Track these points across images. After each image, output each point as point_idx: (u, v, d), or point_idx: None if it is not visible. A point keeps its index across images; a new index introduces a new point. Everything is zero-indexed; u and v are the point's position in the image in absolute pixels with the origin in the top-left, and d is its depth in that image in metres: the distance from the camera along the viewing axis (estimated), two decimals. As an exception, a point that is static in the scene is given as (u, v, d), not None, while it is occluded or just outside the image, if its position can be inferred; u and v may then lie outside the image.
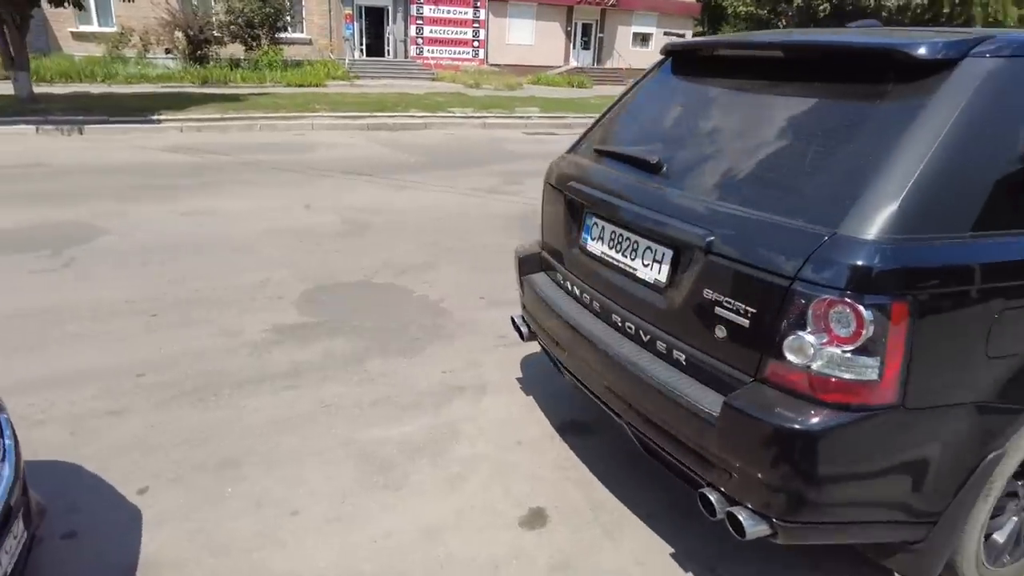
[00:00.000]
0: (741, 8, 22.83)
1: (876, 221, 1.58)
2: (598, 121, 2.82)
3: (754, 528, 1.75)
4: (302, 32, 24.83)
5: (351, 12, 25.14)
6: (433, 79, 24.17)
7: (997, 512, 2.02)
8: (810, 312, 1.61)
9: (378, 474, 2.69)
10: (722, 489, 1.84)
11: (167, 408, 3.09)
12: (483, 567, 2.23)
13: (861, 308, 1.55)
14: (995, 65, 1.71)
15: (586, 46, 31.15)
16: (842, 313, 1.58)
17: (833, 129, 1.84)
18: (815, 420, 1.63)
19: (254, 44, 20.91)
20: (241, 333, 3.89)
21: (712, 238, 1.85)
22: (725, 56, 2.37)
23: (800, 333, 1.63)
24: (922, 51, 1.73)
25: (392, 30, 26.77)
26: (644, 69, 2.73)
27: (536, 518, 2.48)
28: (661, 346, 2.06)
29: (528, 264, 2.87)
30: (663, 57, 2.68)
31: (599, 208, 2.38)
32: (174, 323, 3.98)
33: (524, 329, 2.91)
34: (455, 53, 27.40)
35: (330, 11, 24.95)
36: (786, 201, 1.78)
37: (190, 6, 20.79)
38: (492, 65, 27.49)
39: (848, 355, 1.59)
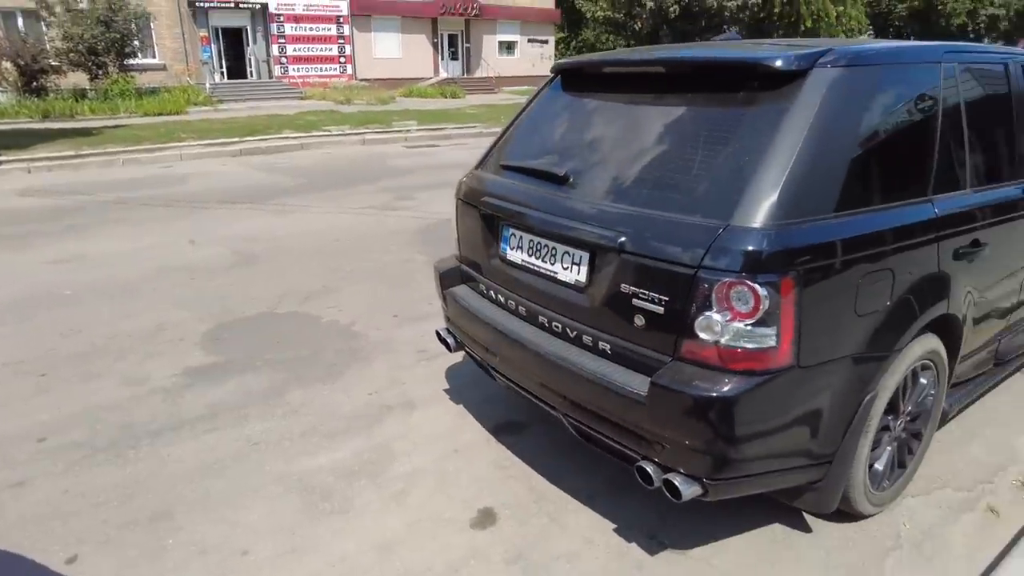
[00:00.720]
0: (599, 13, 24.00)
1: (761, 211, 1.85)
2: (499, 139, 2.98)
3: (688, 490, 1.98)
4: (154, 57, 23.39)
5: (207, 34, 23.99)
6: (302, 98, 23.55)
7: (875, 445, 2.38)
8: (714, 294, 1.86)
9: (322, 502, 2.71)
10: (656, 460, 2.05)
11: (80, 469, 2.93)
12: (442, 573, 2.32)
13: (756, 286, 1.81)
14: (837, 73, 2.04)
15: (454, 56, 31.50)
16: (741, 292, 1.83)
17: (715, 133, 2.11)
18: (729, 387, 1.88)
19: (100, 72, 19.44)
20: (147, 380, 3.72)
21: (623, 239, 2.06)
22: (611, 72, 2.62)
23: (708, 313, 1.87)
24: (780, 63, 2.03)
25: (253, 51, 25.80)
26: (513, 77, 2.91)
27: (485, 518, 2.60)
28: (587, 339, 2.25)
29: (449, 278, 2.98)
30: (553, 75, 2.89)
31: (515, 219, 2.54)
32: (69, 379, 3.74)
33: (451, 341, 3.02)
34: (322, 70, 26.83)
35: (183, 34, 23.68)
36: (683, 200, 2.02)
37: (17, 33, 18.98)
38: (362, 80, 27.18)
39: (750, 328, 1.85)
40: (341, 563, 2.37)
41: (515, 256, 2.56)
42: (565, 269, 2.32)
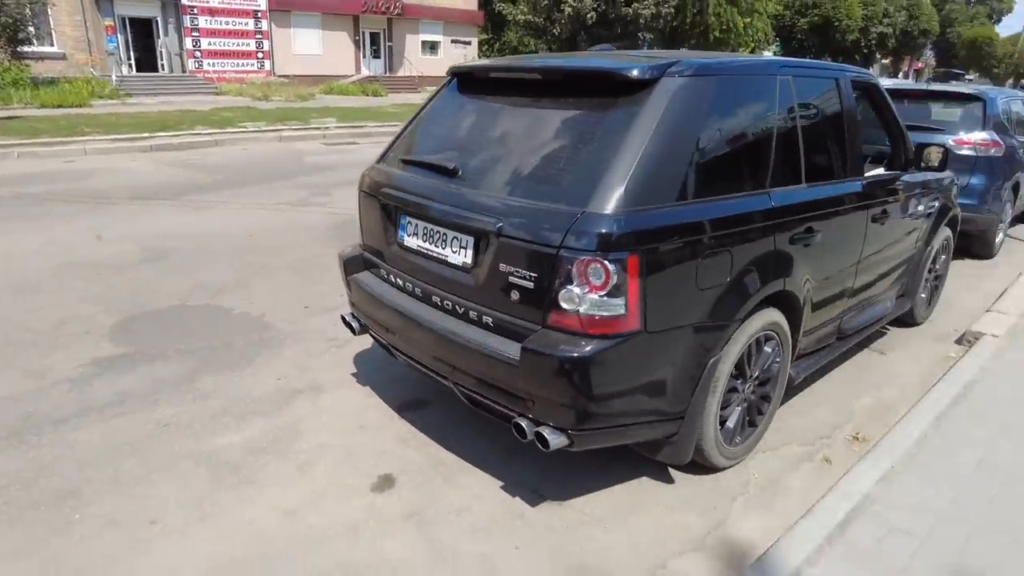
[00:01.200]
0: (520, 16, 24.50)
1: (611, 200, 2.17)
2: (400, 135, 3.22)
3: (555, 440, 2.28)
4: (52, 45, 22.14)
5: (112, 23, 22.90)
6: (217, 93, 22.87)
7: (725, 405, 2.77)
8: (574, 271, 2.16)
9: (230, 475, 2.86)
10: (530, 416, 2.34)
11: (-19, 456, 2.96)
12: (342, 530, 2.54)
13: (608, 263, 2.13)
14: (683, 82, 2.39)
15: (376, 55, 31.28)
16: (596, 269, 2.15)
17: (579, 132, 2.43)
18: (588, 349, 2.19)
19: (-11, 60, 18.24)
20: (50, 372, 3.72)
21: (501, 224, 2.34)
22: (497, 77, 2.90)
23: (569, 287, 2.18)
24: (635, 72, 2.37)
25: (165, 43, 24.81)
26: (437, 77, 3.15)
27: (384, 483, 2.83)
28: (473, 314, 2.52)
29: (352, 265, 3.19)
30: (449, 78, 3.15)
31: (411, 209, 2.79)
32: (-34, 372, 3.70)
33: (355, 324, 3.23)
34: (239, 65, 26.10)
35: (85, 21, 22.51)
36: (551, 191, 2.32)
37: None
38: (280, 76, 26.61)
39: (603, 298, 2.17)
40: (249, 526, 2.55)
41: (411, 242, 2.80)
42: (454, 253, 2.58)
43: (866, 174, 3.62)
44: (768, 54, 44.72)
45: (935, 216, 4.43)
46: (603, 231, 2.13)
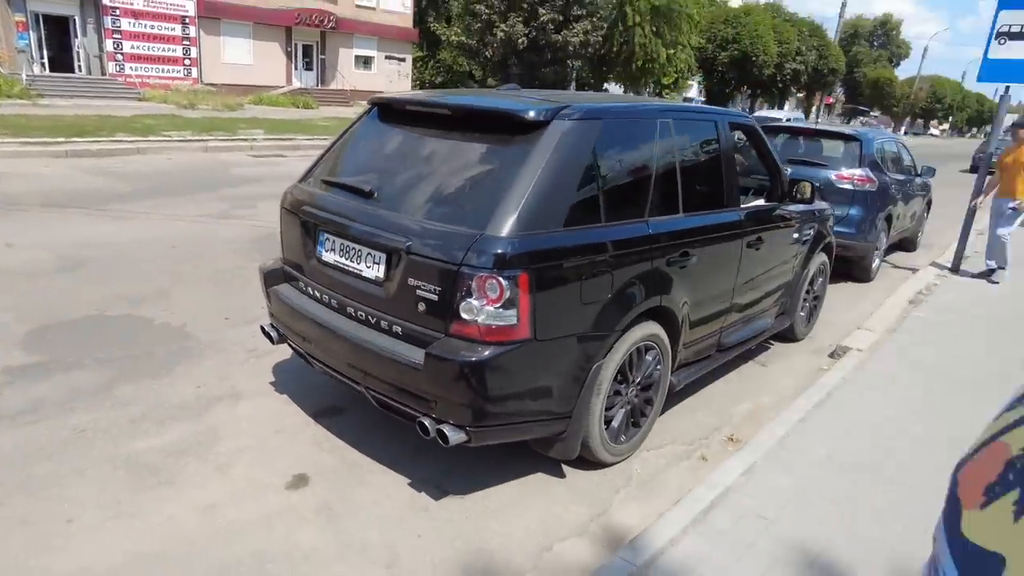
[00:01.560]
0: (453, 37, 24.95)
1: (507, 224, 2.49)
2: (321, 157, 3.46)
3: (455, 436, 2.56)
4: (-43, 41, 20.97)
5: (24, 19, 21.90)
6: (140, 99, 22.20)
7: (610, 406, 3.12)
8: (473, 285, 2.46)
9: (149, 477, 2.99)
10: (432, 416, 2.62)
11: None
12: (258, 524, 2.73)
13: (502, 280, 2.44)
14: (572, 124, 2.75)
15: (309, 67, 31.05)
16: (492, 284, 2.46)
17: (482, 164, 2.75)
18: (484, 354, 2.49)
19: None
20: (-39, 379, 3.72)
21: (410, 243, 2.62)
22: (412, 110, 3.19)
23: (469, 300, 2.48)
24: (531, 114, 2.71)
25: (82, 43, 23.88)
26: (369, 91, 3.38)
27: (299, 481, 3.03)
28: (384, 324, 2.78)
29: (272, 277, 3.39)
30: (370, 107, 3.42)
31: (330, 227, 3.03)
32: None
33: (273, 334, 3.42)
34: (164, 71, 25.39)
35: (-5, 18, 21.45)
36: (455, 214, 2.63)
37: None
38: (208, 84, 26.03)
39: (498, 310, 2.48)
40: (167, 522, 2.70)
41: (329, 258, 3.04)
42: (368, 268, 2.84)
43: (746, 205, 4.10)
44: (693, 83, 46.91)
45: (810, 243, 4.99)
46: (499, 251, 2.44)
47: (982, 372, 4.78)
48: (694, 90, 46.99)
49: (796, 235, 4.73)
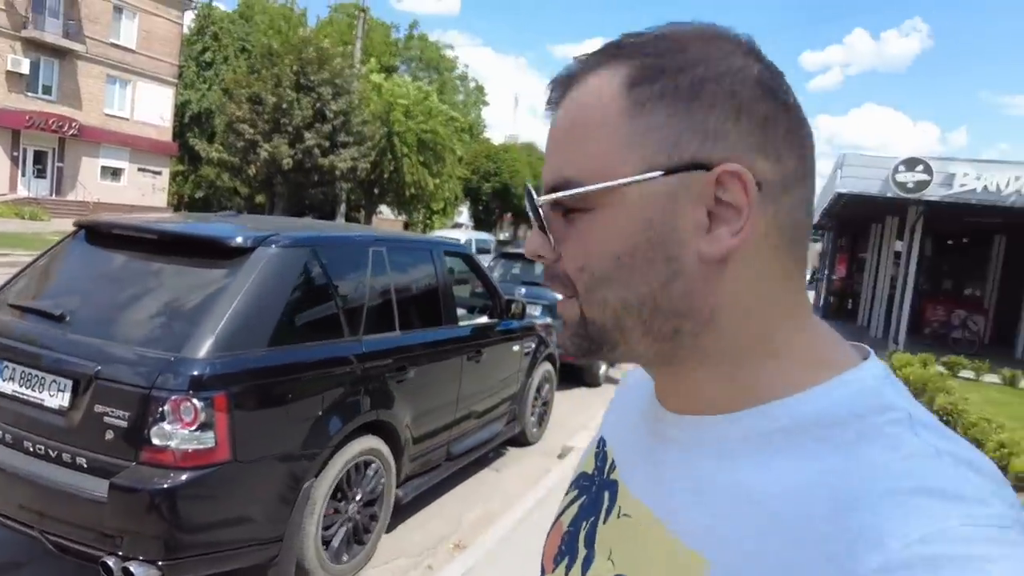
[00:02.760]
0: (214, 154, 24.31)
1: (203, 346, 2.55)
2: (12, 279, 3.21)
3: (144, 574, 2.41)
4: None
5: None
6: None
7: (329, 525, 3.15)
8: (166, 409, 2.44)
9: None
10: (119, 553, 2.44)
11: None
12: None
13: (197, 402, 2.46)
14: (278, 251, 2.94)
15: (41, 174, 27.77)
16: (187, 406, 2.46)
17: (184, 287, 2.80)
18: (177, 480, 2.43)
19: None
20: None
21: (99, 368, 2.53)
22: (119, 233, 3.15)
23: (162, 424, 2.44)
24: (236, 240, 2.86)
25: None
26: (118, 204, 3.23)
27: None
28: (67, 456, 2.58)
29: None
30: (76, 229, 3.30)
31: (10, 354, 2.79)
32: None
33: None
34: None
35: None
36: (151, 337, 2.62)
37: None
38: None
39: (194, 433, 2.47)
40: None
41: (7, 388, 2.77)
42: (51, 396, 2.65)
43: (468, 322, 4.56)
44: (464, 209, 50.58)
45: (532, 354, 5.62)
46: (193, 373, 2.47)
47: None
48: (464, 215, 50.68)
49: (517, 347, 5.31)
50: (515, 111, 73.73)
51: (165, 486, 2.40)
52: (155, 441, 2.44)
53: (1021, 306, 16.02)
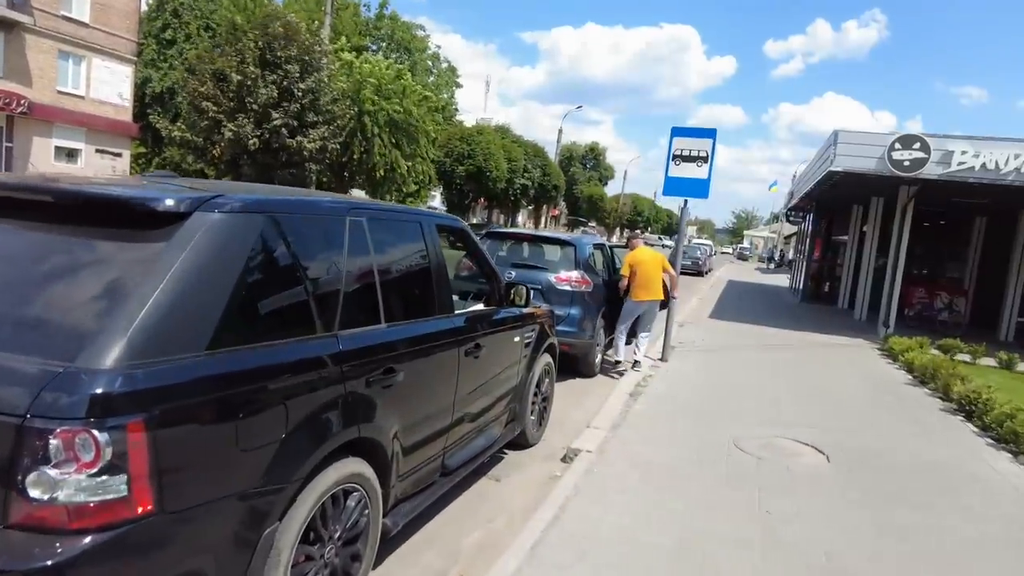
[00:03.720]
0: (176, 133, 22.95)
1: (110, 351, 1.76)
2: None
3: None
4: None
5: None
6: None
7: (300, 573, 2.39)
8: (51, 445, 1.66)
9: None
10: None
11: None
12: None
13: (98, 433, 1.68)
14: (222, 217, 2.15)
15: (-12, 156, 26.10)
16: (84, 440, 1.68)
17: (86, 271, 2.00)
18: (72, 551, 1.66)
19: None
20: None
21: (-52, 386, 1.74)
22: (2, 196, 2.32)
23: (43, 468, 1.66)
24: (164, 203, 2.06)
25: None
26: None
27: None
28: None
29: None
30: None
31: None
32: None
33: None
34: None
35: None
36: (31, 341, 1.82)
37: None
38: None
39: (95, 479, 1.69)
40: None
41: None
42: None
43: (462, 311, 3.81)
44: (436, 194, 49.38)
45: (533, 345, 4.89)
46: (95, 391, 1.69)
47: (695, 460, 4.99)
48: (437, 200, 49.47)
49: (518, 338, 4.59)
50: (486, 96, 72.16)
51: (52, 562, 1.63)
52: (33, 493, 1.66)
53: (1004, 289, 15.74)
